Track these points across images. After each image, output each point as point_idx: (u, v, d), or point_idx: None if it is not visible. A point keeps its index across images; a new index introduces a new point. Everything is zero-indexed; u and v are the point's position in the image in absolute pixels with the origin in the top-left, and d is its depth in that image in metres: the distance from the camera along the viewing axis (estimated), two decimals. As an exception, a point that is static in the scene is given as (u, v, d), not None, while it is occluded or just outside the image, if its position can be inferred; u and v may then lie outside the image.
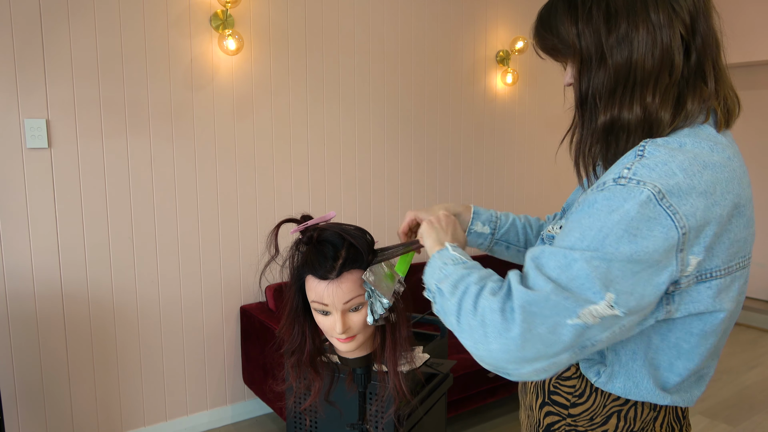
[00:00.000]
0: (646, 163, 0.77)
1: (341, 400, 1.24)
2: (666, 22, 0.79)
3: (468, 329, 0.79)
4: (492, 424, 2.93)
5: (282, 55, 2.87)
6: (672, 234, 0.74)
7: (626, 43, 0.80)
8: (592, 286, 0.74)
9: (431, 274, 0.92)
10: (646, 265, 0.74)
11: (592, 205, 0.78)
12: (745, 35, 4.36)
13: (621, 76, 0.82)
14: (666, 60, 0.80)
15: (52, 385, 2.47)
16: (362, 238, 1.04)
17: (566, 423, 0.96)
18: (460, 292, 0.82)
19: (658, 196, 0.74)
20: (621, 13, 0.80)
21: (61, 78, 2.36)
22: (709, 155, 0.79)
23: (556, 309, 0.74)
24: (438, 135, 3.48)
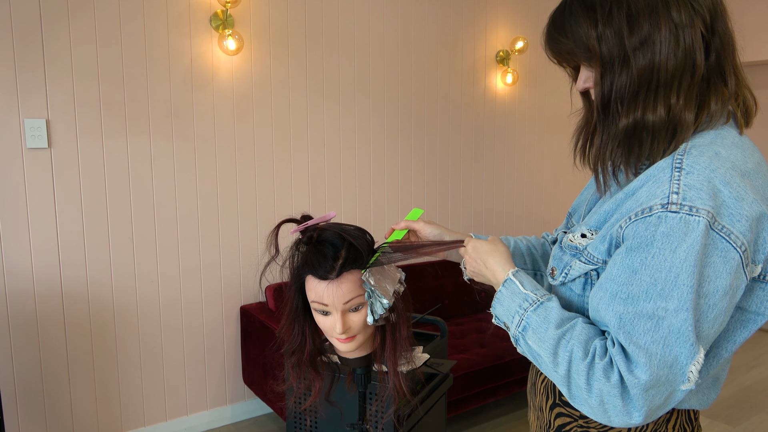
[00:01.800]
0: (690, 182, 0.76)
1: (341, 400, 1.24)
2: (687, 21, 0.78)
3: (583, 402, 0.82)
4: (492, 424, 2.93)
5: (282, 55, 2.87)
6: (732, 256, 0.75)
7: (649, 45, 0.79)
8: (686, 341, 0.75)
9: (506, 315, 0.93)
10: (722, 293, 0.76)
11: (651, 243, 0.76)
12: (744, 35, 4.36)
13: (644, 79, 0.80)
14: (689, 60, 0.79)
15: (52, 385, 2.47)
16: (362, 238, 1.04)
17: (578, 425, 0.96)
18: (564, 364, 0.83)
19: (711, 222, 0.74)
20: (643, 14, 0.78)
21: (61, 78, 2.36)
22: (743, 163, 0.79)
23: (668, 383, 0.77)
24: (438, 135, 3.47)
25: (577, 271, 0.91)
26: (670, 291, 0.74)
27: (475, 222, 3.71)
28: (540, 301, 0.89)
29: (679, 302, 0.74)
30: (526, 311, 0.89)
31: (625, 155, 0.84)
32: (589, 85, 0.88)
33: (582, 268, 0.90)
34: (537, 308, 0.88)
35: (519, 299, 0.91)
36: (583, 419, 0.96)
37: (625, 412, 0.78)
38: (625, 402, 0.78)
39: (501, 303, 0.94)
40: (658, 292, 0.75)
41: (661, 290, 0.75)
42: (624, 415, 0.79)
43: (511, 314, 0.91)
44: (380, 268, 1.03)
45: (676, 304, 0.74)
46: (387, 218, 3.32)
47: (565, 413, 0.99)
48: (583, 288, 0.91)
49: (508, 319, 0.92)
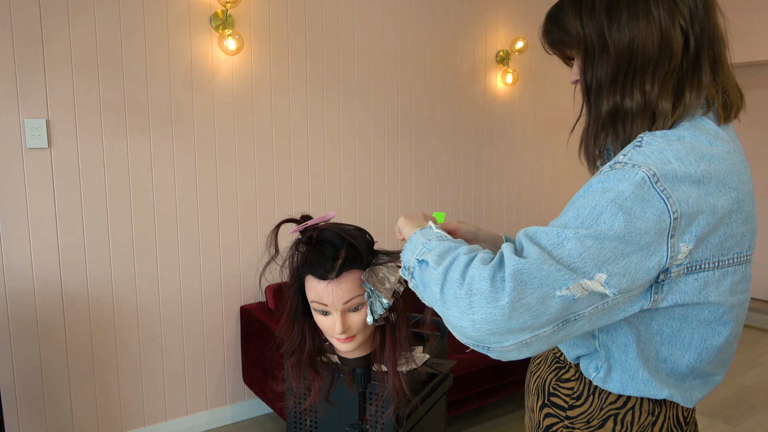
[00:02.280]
0: (641, 151, 0.79)
1: (341, 400, 1.24)
2: (666, 13, 0.82)
3: (452, 299, 0.77)
4: (492, 424, 2.93)
5: (282, 55, 2.87)
6: (664, 217, 0.75)
7: (626, 33, 0.83)
8: (584, 265, 0.74)
9: (411, 250, 0.88)
10: (636, 247, 0.75)
11: (588, 188, 0.80)
12: (745, 35, 4.36)
13: (623, 62, 0.84)
14: (665, 46, 0.82)
15: (52, 385, 2.47)
16: (362, 238, 1.04)
17: (564, 425, 0.96)
18: (448, 262, 0.80)
19: (652, 179, 0.75)
20: (622, 5, 0.83)
21: (61, 78, 2.36)
22: (707, 148, 0.81)
23: (547, 279, 0.73)
24: (438, 135, 3.47)
25: None
26: (588, 226, 0.75)
27: (475, 222, 3.71)
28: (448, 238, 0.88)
29: (594, 236, 0.74)
30: (430, 241, 0.86)
31: (612, 138, 0.88)
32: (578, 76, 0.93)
33: None
34: (443, 240, 0.86)
35: (428, 234, 0.89)
36: (569, 420, 0.96)
37: (492, 296, 0.73)
38: (494, 284, 0.74)
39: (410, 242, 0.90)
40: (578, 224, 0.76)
41: (581, 224, 0.76)
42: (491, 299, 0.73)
43: (415, 247, 0.87)
44: (380, 268, 1.03)
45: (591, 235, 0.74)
46: (387, 218, 3.32)
47: (553, 413, 0.99)
48: None
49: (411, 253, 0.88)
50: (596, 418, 0.93)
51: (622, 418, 0.91)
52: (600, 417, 0.92)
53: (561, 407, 0.97)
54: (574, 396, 0.96)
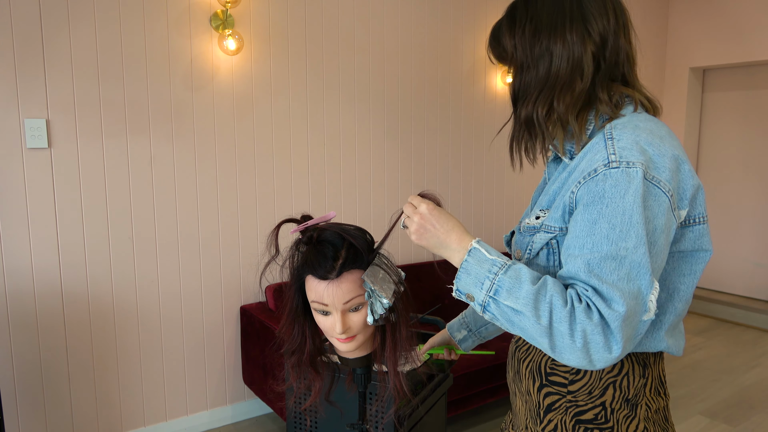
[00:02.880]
0: (622, 146, 0.91)
1: (341, 400, 1.24)
2: (579, 40, 0.96)
3: (567, 349, 0.87)
4: (492, 424, 2.93)
5: (282, 55, 2.87)
6: (663, 199, 0.90)
7: (547, 55, 0.97)
8: (646, 273, 0.86)
9: (473, 282, 0.94)
10: (660, 231, 0.89)
11: (602, 196, 0.89)
12: (745, 35, 4.36)
13: (541, 80, 0.98)
14: (577, 69, 0.96)
15: (52, 385, 2.47)
16: (362, 238, 1.04)
17: (567, 400, 1.02)
18: (547, 313, 0.87)
19: (645, 173, 0.89)
20: (544, 31, 0.97)
21: (61, 78, 2.36)
22: (658, 130, 0.95)
23: (635, 314, 0.86)
24: (438, 135, 3.48)
25: (539, 243, 1.01)
26: (627, 231, 0.86)
27: (475, 222, 3.71)
28: (508, 264, 0.93)
29: (637, 239, 0.86)
30: (497, 275, 0.92)
31: (526, 139, 1.03)
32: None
33: (543, 237, 1.00)
34: (507, 270, 0.92)
35: (487, 265, 0.93)
36: (571, 394, 1.02)
37: (606, 347, 0.85)
38: (606, 337, 0.85)
39: (468, 272, 0.95)
40: (617, 234, 0.87)
41: (620, 232, 0.87)
42: (605, 350, 0.85)
43: (480, 280, 0.93)
44: (380, 268, 1.03)
45: (635, 241, 0.86)
46: (387, 218, 3.32)
47: (554, 392, 1.04)
48: (547, 258, 1.00)
49: (475, 286, 0.93)
50: (597, 388, 1.00)
51: (620, 383, 1.00)
52: (600, 386, 1.00)
53: (561, 384, 1.03)
54: (573, 372, 1.02)
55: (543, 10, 0.98)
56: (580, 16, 0.96)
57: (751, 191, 4.63)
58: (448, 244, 0.99)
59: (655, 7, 4.67)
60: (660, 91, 4.87)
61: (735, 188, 4.71)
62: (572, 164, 0.99)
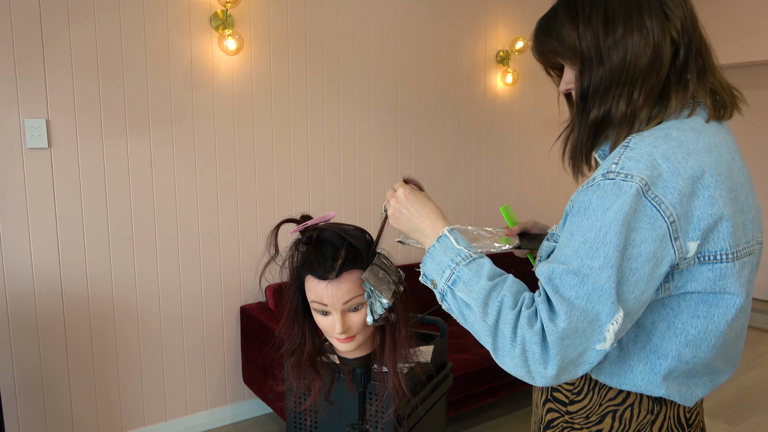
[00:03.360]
0: (631, 155, 0.82)
1: (341, 400, 1.24)
2: (659, 27, 0.86)
3: (505, 352, 0.83)
4: (492, 424, 2.93)
5: (282, 55, 2.87)
6: (659, 224, 0.79)
7: (622, 45, 0.87)
8: (608, 298, 0.78)
9: (435, 269, 0.92)
10: (644, 259, 0.79)
11: (587, 207, 0.82)
12: (745, 35, 4.36)
13: (615, 72, 0.88)
14: (656, 61, 0.86)
15: (52, 385, 2.47)
16: (362, 238, 1.04)
17: (564, 420, 0.98)
18: (494, 314, 0.84)
19: (644, 189, 0.79)
20: (618, 18, 0.87)
21: (61, 78, 2.36)
22: (694, 143, 0.83)
23: (584, 336, 0.79)
24: (438, 135, 3.47)
25: (545, 252, 0.99)
26: (597, 249, 0.79)
27: (475, 222, 3.71)
28: (473, 257, 0.90)
29: (605, 260, 0.78)
30: (458, 265, 0.89)
31: (590, 143, 0.94)
32: (571, 86, 0.97)
33: (548, 246, 0.98)
34: (469, 263, 0.89)
35: (452, 254, 0.91)
36: (569, 414, 0.98)
37: (542, 360, 0.80)
38: (543, 350, 0.80)
39: (432, 258, 0.93)
40: (586, 250, 0.80)
41: (589, 248, 0.79)
42: (540, 364, 0.80)
43: (442, 268, 0.91)
44: (379, 268, 1.03)
45: (601, 262, 0.78)
46: (387, 218, 3.32)
47: (554, 408, 1.01)
48: None
49: (438, 273, 0.91)
50: (595, 414, 0.94)
51: (620, 414, 0.92)
52: (599, 413, 0.94)
53: (562, 402, 0.99)
54: (575, 391, 0.98)
55: None
56: (658, 1, 0.87)
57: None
58: (422, 228, 0.97)
59: (655, 7, 4.67)
60: (660, 91, 4.87)
61: (735, 188, 4.71)
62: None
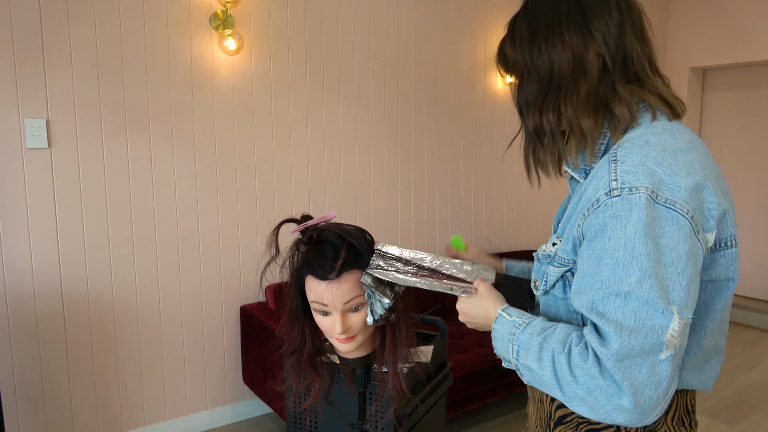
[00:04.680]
0: (625, 168, 0.85)
1: (341, 400, 1.24)
2: (579, 40, 0.92)
3: (575, 398, 0.84)
4: (492, 424, 2.93)
5: (282, 55, 2.87)
6: (682, 223, 0.81)
7: (547, 57, 0.93)
8: (657, 308, 0.79)
9: (503, 347, 0.96)
10: (686, 259, 0.81)
11: (604, 228, 0.84)
12: (745, 35, 4.36)
13: (543, 84, 0.94)
14: (579, 68, 0.91)
15: (52, 385, 2.47)
16: (362, 238, 1.04)
17: (578, 416, 0.99)
18: (549, 365, 0.86)
19: (653, 196, 0.81)
20: (540, 34, 0.94)
21: (61, 78, 2.36)
22: (673, 143, 0.88)
23: (644, 353, 0.79)
24: (438, 135, 3.47)
25: (553, 276, 0.98)
26: (630, 264, 0.80)
27: (475, 222, 3.71)
28: (526, 323, 0.93)
29: (641, 273, 0.79)
30: (515, 335, 0.93)
31: (541, 152, 1.00)
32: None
33: (556, 272, 0.97)
34: (524, 329, 0.93)
35: (508, 328, 0.95)
36: None
37: (612, 392, 0.80)
38: (605, 379, 0.80)
39: (496, 339, 0.97)
40: (621, 269, 0.81)
41: (623, 266, 0.81)
42: (614, 396, 0.80)
43: (506, 345, 0.95)
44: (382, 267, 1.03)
45: (638, 275, 0.79)
46: (387, 218, 3.32)
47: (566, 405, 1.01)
48: (564, 291, 0.97)
49: (506, 351, 0.95)
50: None
51: None
52: None
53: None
54: None
55: (539, 14, 0.95)
56: (580, 15, 0.92)
57: (751, 191, 4.63)
58: (489, 323, 1.01)
59: (655, 7, 4.67)
60: (660, 91, 4.87)
61: (735, 188, 4.71)
62: (582, 187, 0.95)
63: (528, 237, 3.98)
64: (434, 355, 1.91)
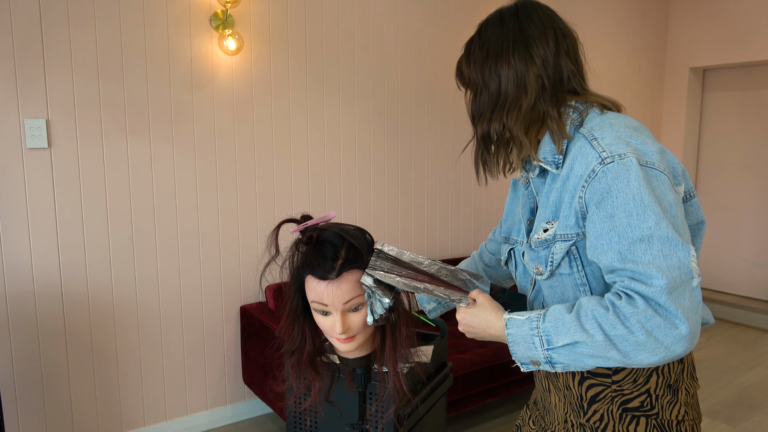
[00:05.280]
0: (607, 142, 0.98)
1: (341, 400, 1.24)
2: (521, 63, 1.06)
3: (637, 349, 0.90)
4: (492, 424, 2.93)
5: (282, 55, 2.87)
6: (663, 178, 0.96)
7: (496, 76, 1.07)
8: (677, 243, 0.90)
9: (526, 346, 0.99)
10: (676, 204, 0.95)
11: (609, 190, 0.94)
12: (745, 35, 4.36)
13: (493, 100, 1.08)
14: (521, 88, 1.06)
15: (52, 385, 2.47)
16: (362, 238, 1.04)
17: (612, 390, 1.06)
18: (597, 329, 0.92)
19: (639, 160, 0.96)
20: (491, 57, 1.08)
21: (61, 78, 2.36)
22: (630, 123, 1.04)
23: (683, 282, 0.89)
24: (438, 135, 3.48)
25: (560, 252, 1.04)
26: (644, 211, 0.91)
27: (474, 222, 3.71)
28: (542, 314, 0.99)
29: (655, 216, 0.91)
30: (537, 327, 0.98)
31: (485, 155, 1.13)
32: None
33: (563, 247, 1.04)
34: (544, 318, 0.98)
35: (527, 324, 0.99)
36: (616, 383, 1.05)
37: (669, 325, 0.88)
38: (662, 315, 0.88)
39: (516, 342, 1.00)
40: (636, 218, 0.92)
41: (638, 215, 0.92)
42: (671, 329, 0.88)
43: (529, 342, 0.98)
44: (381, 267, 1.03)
45: (654, 219, 0.91)
46: (387, 218, 3.32)
47: (597, 383, 1.06)
48: (570, 266, 1.04)
49: (530, 350, 0.99)
50: (642, 376, 1.04)
51: (662, 370, 1.04)
52: (645, 374, 1.04)
53: (605, 375, 1.05)
54: None
55: (491, 39, 1.09)
56: (522, 42, 1.06)
57: (751, 191, 4.62)
58: (492, 333, 1.06)
59: (655, 7, 4.67)
60: (660, 91, 4.87)
61: (735, 188, 4.71)
62: (563, 172, 1.04)
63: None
64: (434, 355, 1.91)
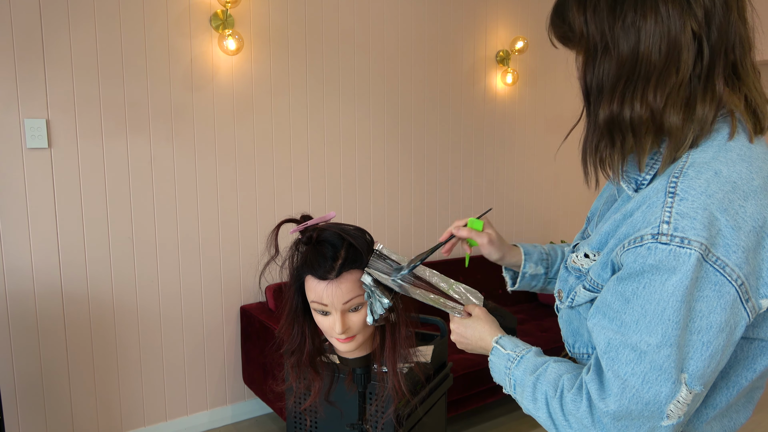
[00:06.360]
0: (683, 210, 0.71)
1: (341, 400, 1.24)
2: (677, 16, 0.73)
3: None
4: (492, 423, 2.93)
5: (282, 55, 2.87)
6: (727, 290, 0.70)
7: (632, 34, 0.74)
8: (667, 379, 0.72)
9: (500, 379, 0.96)
10: (717, 330, 0.71)
11: (641, 273, 0.73)
12: (745, 35, 4.35)
13: (625, 69, 0.75)
14: (673, 55, 0.73)
15: (52, 385, 2.47)
16: (362, 238, 1.04)
17: None
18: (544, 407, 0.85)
19: (705, 255, 0.69)
20: (628, 3, 0.75)
21: (61, 78, 2.36)
22: (748, 180, 0.73)
23: (644, 418, 0.74)
24: (438, 135, 3.47)
25: (582, 298, 0.89)
26: (655, 325, 0.72)
27: (475, 222, 3.71)
28: (520, 356, 0.93)
29: (663, 338, 0.71)
30: (510, 369, 0.93)
31: (609, 149, 0.80)
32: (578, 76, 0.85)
33: (586, 295, 0.87)
34: (518, 363, 0.92)
35: (504, 361, 0.95)
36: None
37: None
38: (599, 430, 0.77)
39: (494, 370, 0.98)
40: (645, 324, 0.73)
41: (648, 323, 0.72)
42: None
43: (503, 378, 0.95)
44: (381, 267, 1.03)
45: (659, 340, 0.71)
46: (387, 218, 3.32)
47: None
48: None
49: (503, 382, 0.95)
50: None
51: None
52: None
53: None
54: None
55: None
56: None
57: None
58: (482, 346, 1.02)
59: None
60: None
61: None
62: (629, 207, 0.79)
63: (527, 237, 3.98)
64: (434, 355, 1.91)
